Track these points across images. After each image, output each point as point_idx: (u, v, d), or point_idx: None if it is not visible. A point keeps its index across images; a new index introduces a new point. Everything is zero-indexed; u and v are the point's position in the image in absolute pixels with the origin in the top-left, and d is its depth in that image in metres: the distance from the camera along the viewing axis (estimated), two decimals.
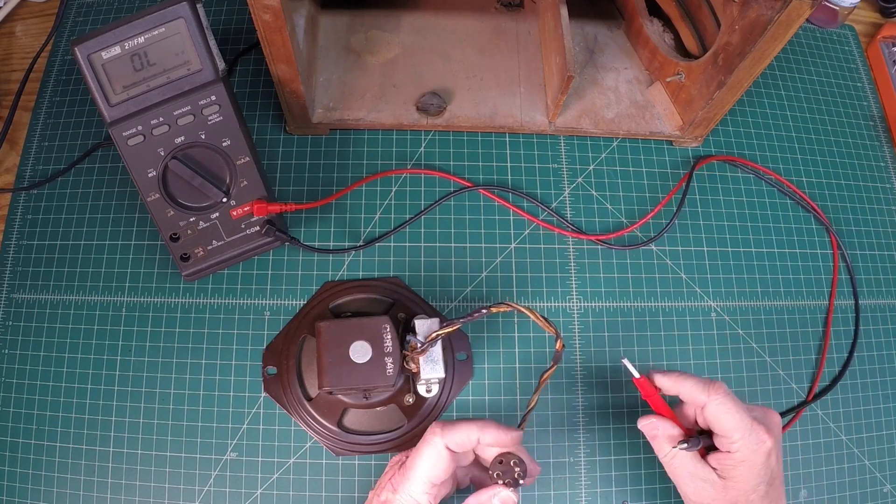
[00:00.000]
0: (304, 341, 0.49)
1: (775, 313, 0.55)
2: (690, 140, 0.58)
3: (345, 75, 0.57)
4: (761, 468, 0.39)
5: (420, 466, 0.38)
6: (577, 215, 0.56)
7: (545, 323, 0.41)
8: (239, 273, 0.52)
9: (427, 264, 0.53)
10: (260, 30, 0.43)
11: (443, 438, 0.38)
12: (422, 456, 0.38)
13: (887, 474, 0.52)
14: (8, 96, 0.59)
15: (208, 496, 0.47)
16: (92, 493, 0.47)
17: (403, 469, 0.39)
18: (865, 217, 0.60)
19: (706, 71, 0.51)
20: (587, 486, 0.49)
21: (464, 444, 0.38)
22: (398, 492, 0.38)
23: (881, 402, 0.54)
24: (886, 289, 0.57)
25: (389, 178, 0.55)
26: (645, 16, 0.59)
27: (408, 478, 0.38)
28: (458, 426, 0.39)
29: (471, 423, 0.39)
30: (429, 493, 0.38)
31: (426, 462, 0.38)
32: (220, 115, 0.45)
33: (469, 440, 0.38)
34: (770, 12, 0.43)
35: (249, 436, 0.48)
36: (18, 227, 0.54)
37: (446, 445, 0.38)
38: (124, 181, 0.55)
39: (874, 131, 0.64)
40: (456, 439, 0.38)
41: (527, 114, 0.56)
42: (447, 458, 0.38)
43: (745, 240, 0.57)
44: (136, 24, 0.41)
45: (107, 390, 0.49)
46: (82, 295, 0.52)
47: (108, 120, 0.43)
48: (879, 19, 0.71)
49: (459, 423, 0.39)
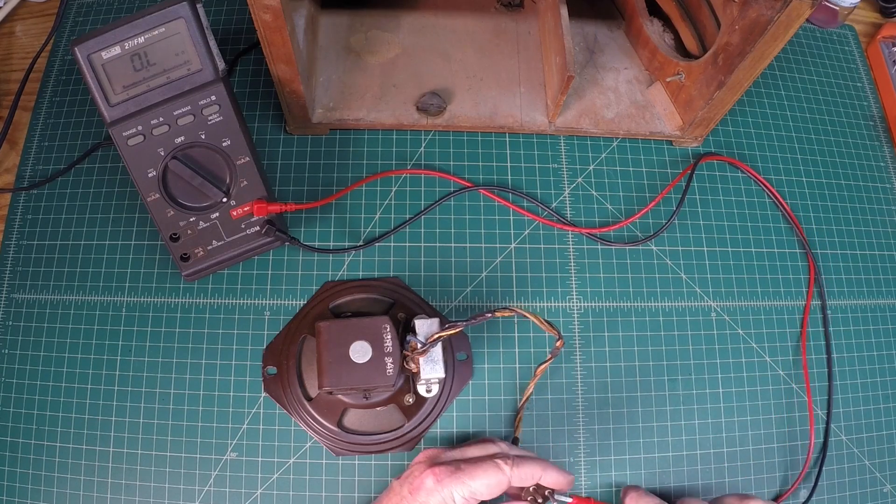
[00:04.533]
0: (304, 341, 0.49)
1: (775, 313, 0.55)
2: (690, 140, 0.58)
3: (345, 75, 0.57)
4: None
5: (477, 478, 0.39)
6: (577, 215, 0.56)
7: (548, 326, 0.42)
8: (239, 273, 0.52)
9: (427, 264, 0.53)
10: (260, 30, 0.43)
11: (511, 471, 0.40)
12: (484, 472, 0.40)
13: (887, 474, 0.52)
14: (8, 96, 0.59)
15: (208, 496, 0.47)
16: (92, 493, 0.47)
17: (458, 471, 0.40)
18: (865, 217, 0.60)
19: (706, 71, 0.51)
20: (587, 487, 0.49)
21: (524, 481, 0.41)
22: (443, 485, 0.39)
23: (881, 402, 0.54)
24: (886, 289, 0.57)
25: (389, 178, 0.55)
26: (645, 16, 0.59)
27: (460, 480, 0.39)
28: (526, 463, 0.40)
29: (535, 463, 0.41)
30: (468, 499, 0.39)
31: (485, 479, 0.39)
32: (220, 115, 0.45)
33: (532, 478, 0.41)
34: (770, 12, 0.43)
35: (249, 436, 0.48)
36: (18, 227, 0.54)
37: (510, 479, 0.40)
38: (124, 181, 0.55)
39: (874, 131, 0.64)
40: (521, 475, 0.40)
41: (527, 114, 0.56)
42: (504, 487, 0.40)
43: (746, 240, 0.57)
44: (136, 24, 0.41)
45: (107, 390, 0.49)
46: (82, 295, 0.52)
47: (108, 120, 0.43)
48: (879, 19, 0.71)
49: (527, 460, 0.41)
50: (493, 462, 0.40)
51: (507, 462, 0.40)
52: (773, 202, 0.58)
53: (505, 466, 0.40)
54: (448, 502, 0.39)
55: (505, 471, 0.40)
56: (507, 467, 0.40)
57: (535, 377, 0.46)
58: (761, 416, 0.52)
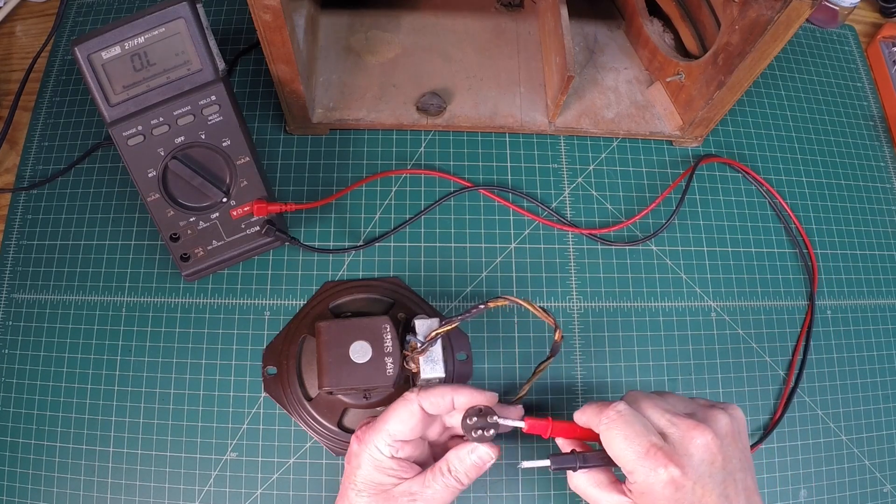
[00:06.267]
0: (304, 341, 0.49)
1: (775, 313, 0.55)
2: (690, 140, 0.58)
3: (345, 75, 0.57)
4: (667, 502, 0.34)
5: (389, 420, 0.39)
6: (577, 215, 0.56)
7: (543, 313, 0.42)
8: (239, 273, 0.52)
9: (427, 264, 0.53)
10: (260, 30, 0.43)
11: (418, 397, 0.39)
12: (393, 410, 0.40)
13: (887, 474, 0.52)
14: (8, 96, 0.59)
15: (208, 496, 0.47)
16: (92, 493, 0.47)
17: (373, 423, 0.40)
18: (865, 217, 0.60)
19: (706, 71, 0.51)
20: None
21: (438, 405, 0.39)
22: (364, 442, 0.39)
23: (881, 402, 0.54)
24: (886, 289, 0.57)
25: (389, 178, 0.55)
26: (645, 16, 0.59)
27: (375, 429, 0.39)
28: (435, 388, 0.40)
29: (446, 386, 0.40)
30: (391, 445, 0.39)
31: (396, 416, 0.39)
32: (220, 115, 0.45)
33: (444, 401, 0.39)
34: (770, 12, 0.43)
35: (249, 436, 0.48)
36: (18, 227, 0.54)
37: (420, 404, 0.39)
38: (124, 181, 0.55)
39: (874, 131, 0.64)
40: (430, 398, 0.39)
41: (527, 114, 0.56)
42: (418, 416, 0.39)
43: (746, 240, 0.57)
44: (136, 24, 0.41)
45: (107, 390, 0.49)
46: (82, 295, 0.52)
47: (108, 120, 0.43)
48: (879, 19, 0.71)
49: (438, 386, 0.40)
50: (400, 399, 0.40)
51: (412, 391, 0.40)
52: (773, 202, 0.58)
53: (411, 395, 0.40)
54: (375, 455, 0.39)
55: (411, 399, 0.39)
56: (413, 395, 0.40)
57: (533, 377, 0.46)
58: (761, 416, 0.52)
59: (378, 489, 0.39)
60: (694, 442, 0.35)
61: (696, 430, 0.36)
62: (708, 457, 0.35)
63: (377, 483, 0.39)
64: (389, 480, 0.39)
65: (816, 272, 0.57)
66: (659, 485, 0.34)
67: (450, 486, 0.39)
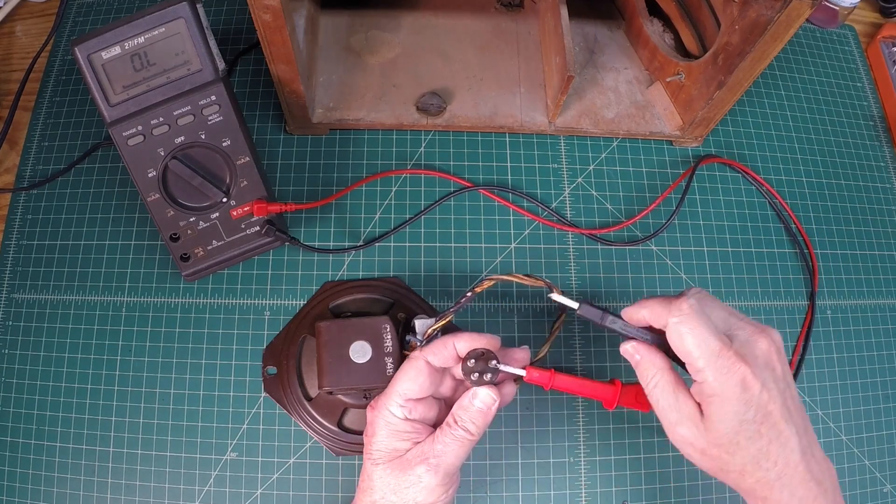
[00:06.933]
0: (304, 341, 0.49)
1: (775, 313, 0.55)
2: (690, 140, 0.58)
3: (345, 75, 0.57)
4: (737, 403, 0.33)
5: (399, 381, 0.39)
6: (578, 215, 0.56)
7: (532, 279, 0.42)
8: (239, 273, 0.52)
9: (427, 264, 0.53)
10: (260, 30, 0.43)
11: (422, 353, 0.39)
12: (401, 371, 0.40)
13: (887, 474, 0.52)
14: (8, 96, 0.59)
15: (208, 496, 0.47)
16: (92, 493, 0.47)
17: (384, 390, 0.40)
18: (865, 217, 0.60)
19: (706, 71, 0.51)
20: (587, 486, 0.49)
21: (442, 355, 0.39)
22: (378, 407, 0.39)
23: (881, 402, 0.54)
24: (886, 289, 0.57)
25: (389, 178, 0.55)
26: (645, 16, 0.59)
27: (387, 394, 0.39)
28: (436, 340, 0.40)
29: (446, 336, 0.40)
30: (403, 406, 0.39)
31: (404, 376, 0.39)
32: (220, 115, 0.45)
33: (447, 350, 0.39)
34: (770, 12, 0.43)
35: (249, 436, 0.48)
36: (18, 227, 0.54)
37: (425, 360, 0.39)
38: (124, 181, 0.55)
39: (874, 131, 0.64)
40: (433, 350, 0.39)
41: (527, 114, 0.56)
42: (425, 372, 0.39)
43: (746, 240, 0.57)
44: (136, 24, 0.41)
45: (107, 390, 0.49)
46: (82, 295, 0.52)
47: (108, 120, 0.43)
48: (879, 19, 0.71)
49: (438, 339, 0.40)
50: (407, 359, 0.40)
51: (414, 349, 0.40)
52: (773, 202, 0.58)
53: (414, 353, 0.40)
54: (389, 419, 0.38)
55: (416, 356, 0.39)
56: (417, 351, 0.40)
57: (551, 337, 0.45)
58: None
59: (394, 455, 0.38)
60: (759, 345, 0.35)
61: (761, 334, 0.36)
62: (770, 363, 0.35)
63: (393, 449, 0.38)
64: (404, 445, 0.38)
65: (817, 272, 0.56)
66: (731, 385, 0.33)
67: (459, 438, 0.38)
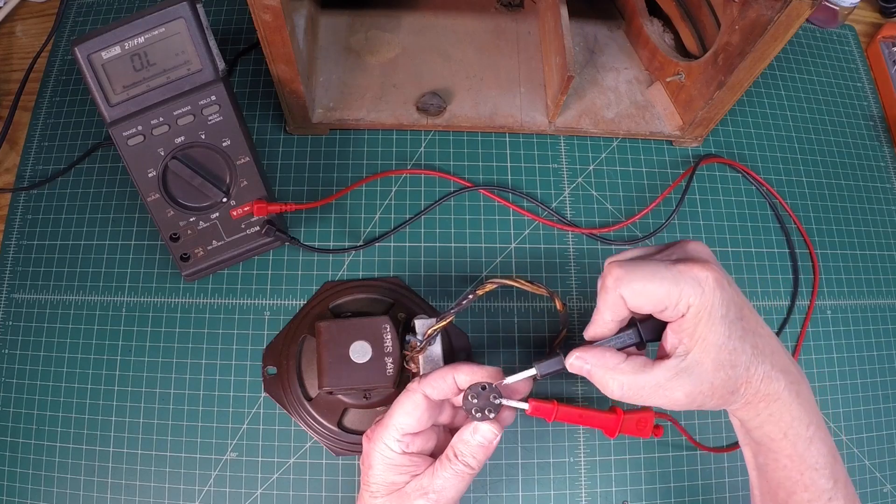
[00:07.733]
0: (304, 341, 0.49)
1: (775, 313, 0.55)
2: (690, 140, 0.58)
3: (345, 75, 0.57)
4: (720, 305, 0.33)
5: (395, 414, 0.38)
6: (578, 215, 0.56)
7: (535, 287, 0.41)
8: (239, 273, 0.52)
9: (427, 264, 0.53)
10: (260, 30, 0.43)
11: (419, 385, 0.38)
12: (398, 404, 0.39)
13: (887, 474, 0.52)
14: (8, 96, 0.59)
15: (208, 496, 0.47)
16: (92, 493, 0.47)
17: (380, 420, 0.39)
18: (865, 217, 0.60)
19: (706, 71, 0.51)
20: (587, 486, 0.49)
21: (441, 388, 0.38)
22: (373, 441, 0.38)
23: (881, 402, 0.54)
24: (886, 289, 0.57)
25: (389, 178, 0.55)
26: (645, 16, 0.59)
27: (384, 425, 0.38)
28: (434, 372, 0.39)
29: (445, 367, 0.39)
30: (400, 440, 0.38)
31: (401, 409, 0.38)
32: (220, 115, 0.45)
33: (445, 384, 0.38)
34: (770, 12, 0.43)
35: (249, 436, 0.48)
36: (18, 227, 0.54)
37: (423, 393, 0.38)
38: (124, 181, 0.55)
39: (874, 131, 0.64)
40: (432, 383, 0.38)
41: (527, 114, 0.56)
42: (423, 406, 0.38)
43: (745, 240, 0.57)
44: (136, 24, 0.41)
45: (107, 390, 0.49)
46: (82, 295, 0.52)
47: (108, 120, 0.43)
48: (879, 19, 0.71)
49: (437, 370, 0.39)
50: (403, 391, 0.39)
51: (414, 381, 0.39)
52: (773, 202, 0.58)
53: (412, 385, 0.39)
54: (386, 453, 0.38)
55: (413, 388, 0.39)
56: (415, 384, 0.39)
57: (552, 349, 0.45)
58: None
59: (392, 488, 0.38)
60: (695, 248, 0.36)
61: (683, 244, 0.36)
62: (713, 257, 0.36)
63: (391, 482, 0.38)
64: (402, 478, 0.38)
65: (817, 272, 0.56)
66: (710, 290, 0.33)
67: (459, 473, 0.37)
